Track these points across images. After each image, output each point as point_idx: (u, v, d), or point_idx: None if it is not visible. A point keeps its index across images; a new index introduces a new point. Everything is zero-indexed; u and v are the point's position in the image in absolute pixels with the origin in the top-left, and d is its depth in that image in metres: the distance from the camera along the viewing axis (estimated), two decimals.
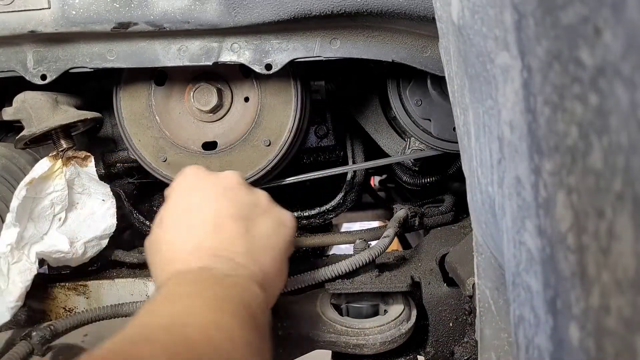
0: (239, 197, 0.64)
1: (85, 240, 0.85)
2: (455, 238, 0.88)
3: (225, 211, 0.62)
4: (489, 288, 0.53)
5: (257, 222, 0.63)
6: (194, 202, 0.63)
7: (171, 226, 0.62)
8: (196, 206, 0.63)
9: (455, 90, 0.51)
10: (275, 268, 0.62)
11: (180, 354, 0.41)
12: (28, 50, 0.79)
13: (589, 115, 0.27)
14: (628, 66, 0.24)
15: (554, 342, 0.31)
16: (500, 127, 0.36)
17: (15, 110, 0.83)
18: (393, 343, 0.76)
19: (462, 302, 0.81)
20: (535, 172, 0.31)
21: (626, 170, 0.25)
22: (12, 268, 0.77)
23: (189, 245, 0.59)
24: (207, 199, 0.63)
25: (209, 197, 0.63)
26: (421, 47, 0.76)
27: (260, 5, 0.70)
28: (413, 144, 0.98)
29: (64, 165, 0.83)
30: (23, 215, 0.80)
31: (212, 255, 0.58)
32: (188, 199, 0.64)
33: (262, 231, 0.63)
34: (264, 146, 0.87)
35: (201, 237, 0.59)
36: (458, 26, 0.42)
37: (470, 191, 0.51)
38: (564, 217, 0.29)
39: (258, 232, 0.62)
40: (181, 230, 0.61)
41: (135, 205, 0.99)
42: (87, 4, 0.73)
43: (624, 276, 0.25)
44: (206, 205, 0.63)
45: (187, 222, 0.62)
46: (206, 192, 0.64)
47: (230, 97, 0.88)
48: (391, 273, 0.82)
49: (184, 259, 0.58)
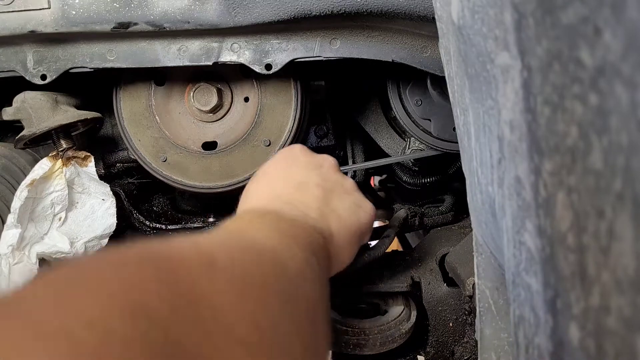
0: (328, 173, 0.69)
1: (86, 240, 0.85)
2: (455, 238, 0.88)
3: (311, 179, 0.66)
4: (489, 288, 0.53)
5: (338, 197, 0.66)
6: (288, 166, 0.68)
7: (261, 180, 0.67)
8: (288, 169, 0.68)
9: (455, 90, 0.51)
10: (343, 241, 0.63)
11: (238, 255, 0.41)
12: (28, 50, 0.79)
13: (589, 115, 0.27)
14: (628, 66, 0.24)
15: (554, 342, 0.31)
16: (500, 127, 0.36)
17: (15, 110, 0.83)
18: (393, 343, 0.76)
19: (462, 302, 0.81)
20: (535, 172, 0.31)
21: (626, 170, 0.25)
22: (13, 269, 0.77)
23: (270, 193, 0.64)
24: (300, 167, 0.68)
25: (302, 166, 0.69)
26: (421, 47, 0.76)
27: (260, 5, 0.70)
28: (413, 144, 0.98)
29: (64, 165, 0.83)
30: (24, 216, 0.80)
31: (287, 203, 0.61)
32: (284, 163, 0.69)
33: (339, 205, 0.65)
34: (264, 146, 0.87)
35: (284, 190, 0.64)
36: (458, 26, 0.42)
37: (470, 191, 0.51)
38: (564, 217, 0.29)
39: (335, 205, 0.65)
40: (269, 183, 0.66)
41: (135, 205, 0.99)
42: (87, 4, 0.73)
43: (624, 276, 0.25)
44: (297, 171, 0.68)
45: (276, 178, 0.67)
46: (301, 162, 0.69)
47: (230, 97, 0.88)
48: (391, 273, 0.82)
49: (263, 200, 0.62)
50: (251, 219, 0.55)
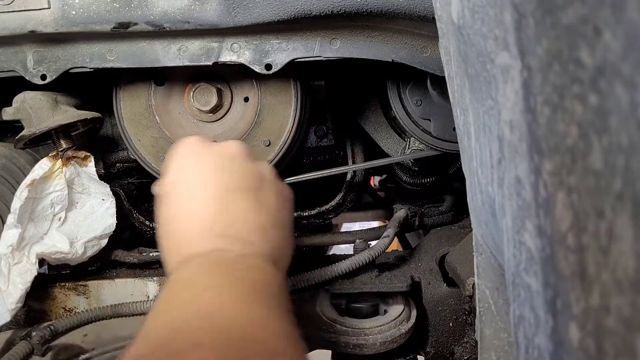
0: (244, 168, 0.60)
1: (85, 240, 0.85)
2: (455, 238, 0.88)
3: (231, 184, 0.58)
4: (489, 288, 0.53)
5: (265, 196, 0.59)
6: (195, 178, 0.58)
7: (174, 207, 0.58)
8: (199, 182, 0.58)
9: (455, 90, 0.51)
10: (286, 243, 0.60)
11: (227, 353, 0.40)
12: (28, 50, 0.79)
13: (589, 115, 0.27)
14: (628, 66, 0.24)
15: (554, 342, 0.31)
16: (500, 127, 0.36)
17: (15, 110, 0.83)
18: (393, 343, 0.76)
19: (462, 302, 0.81)
20: (535, 172, 0.31)
21: (626, 170, 0.25)
22: (12, 269, 0.77)
23: (196, 226, 0.55)
24: (209, 172, 0.58)
25: (211, 171, 0.58)
26: (421, 47, 0.76)
27: (260, 5, 0.70)
28: (413, 144, 0.98)
29: (64, 165, 0.83)
30: (24, 216, 0.80)
31: (221, 236, 0.54)
32: (189, 175, 0.59)
33: (271, 205, 0.59)
34: (263, 146, 0.87)
35: (208, 215, 0.56)
36: (458, 26, 0.42)
37: (470, 191, 0.51)
38: (564, 217, 0.29)
39: (267, 206, 0.59)
40: (186, 211, 0.57)
41: (135, 205, 0.99)
42: (87, 4, 0.73)
43: (624, 276, 0.25)
44: (209, 179, 0.58)
45: (191, 200, 0.57)
46: (208, 165, 0.59)
47: (230, 97, 0.88)
48: (391, 273, 0.82)
49: (193, 242, 0.55)
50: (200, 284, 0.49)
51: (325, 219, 1.03)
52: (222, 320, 0.44)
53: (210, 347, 0.40)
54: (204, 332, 0.41)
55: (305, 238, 0.96)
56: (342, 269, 0.76)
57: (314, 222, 1.03)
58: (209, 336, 0.41)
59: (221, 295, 0.47)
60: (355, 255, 0.78)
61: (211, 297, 0.47)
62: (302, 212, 1.01)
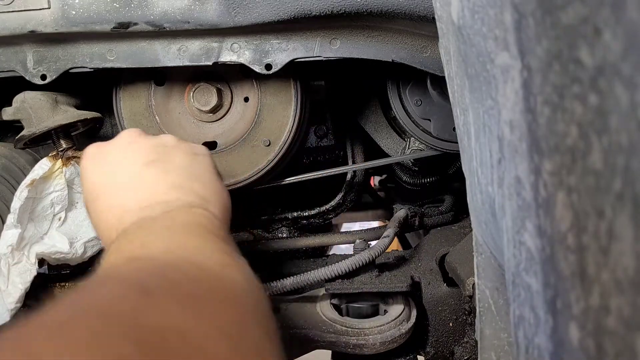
0: (143, 144, 0.67)
1: (85, 240, 0.85)
2: (455, 238, 0.88)
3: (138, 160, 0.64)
4: (489, 288, 0.53)
5: (171, 159, 0.65)
6: (105, 168, 0.65)
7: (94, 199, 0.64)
8: (108, 171, 0.65)
9: (455, 90, 0.51)
10: (210, 191, 0.64)
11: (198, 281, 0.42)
12: (28, 50, 0.79)
13: (589, 115, 0.27)
14: (628, 66, 0.24)
15: (554, 342, 0.31)
16: (500, 127, 0.36)
17: (15, 110, 0.83)
18: (393, 343, 0.76)
19: (462, 302, 0.81)
20: (535, 172, 0.31)
21: (626, 170, 0.25)
22: (12, 269, 0.77)
23: (118, 209, 0.61)
24: (116, 160, 0.65)
25: (117, 158, 0.65)
26: (421, 47, 0.76)
27: (260, 5, 0.70)
28: (413, 144, 0.98)
29: (64, 165, 0.83)
30: (23, 216, 0.80)
31: (146, 207, 0.59)
32: (99, 168, 0.66)
33: (179, 164, 0.65)
34: (263, 146, 0.87)
35: (126, 196, 0.61)
36: (458, 26, 0.42)
37: (470, 191, 0.51)
38: (564, 217, 0.29)
39: (176, 166, 0.64)
40: (106, 199, 0.63)
41: None
42: (87, 4, 0.73)
43: (624, 276, 0.25)
44: (117, 164, 0.64)
45: (107, 189, 0.63)
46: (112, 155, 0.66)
47: (230, 97, 0.88)
48: (391, 273, 0.82)
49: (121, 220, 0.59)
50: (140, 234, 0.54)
51: (325, 219, 1.03)
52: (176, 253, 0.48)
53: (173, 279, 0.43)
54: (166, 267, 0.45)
55: (305, 238, 0.96)
56: (342, 268, 0.76)
57: (314, 222, 1.03)
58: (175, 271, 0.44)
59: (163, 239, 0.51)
60: (355, 255, 0.78)
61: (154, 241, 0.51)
62: (302, 212, 1.01)
